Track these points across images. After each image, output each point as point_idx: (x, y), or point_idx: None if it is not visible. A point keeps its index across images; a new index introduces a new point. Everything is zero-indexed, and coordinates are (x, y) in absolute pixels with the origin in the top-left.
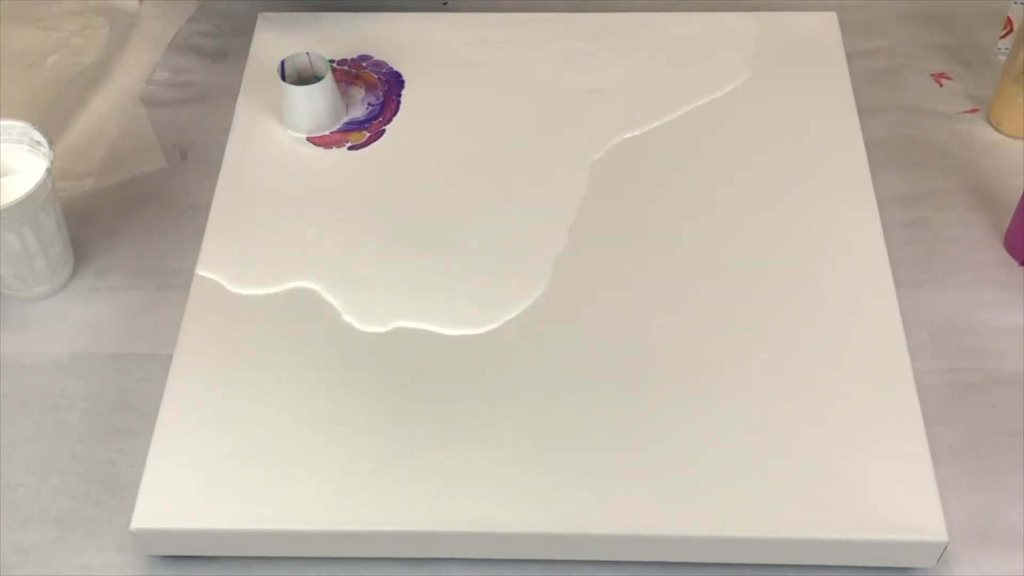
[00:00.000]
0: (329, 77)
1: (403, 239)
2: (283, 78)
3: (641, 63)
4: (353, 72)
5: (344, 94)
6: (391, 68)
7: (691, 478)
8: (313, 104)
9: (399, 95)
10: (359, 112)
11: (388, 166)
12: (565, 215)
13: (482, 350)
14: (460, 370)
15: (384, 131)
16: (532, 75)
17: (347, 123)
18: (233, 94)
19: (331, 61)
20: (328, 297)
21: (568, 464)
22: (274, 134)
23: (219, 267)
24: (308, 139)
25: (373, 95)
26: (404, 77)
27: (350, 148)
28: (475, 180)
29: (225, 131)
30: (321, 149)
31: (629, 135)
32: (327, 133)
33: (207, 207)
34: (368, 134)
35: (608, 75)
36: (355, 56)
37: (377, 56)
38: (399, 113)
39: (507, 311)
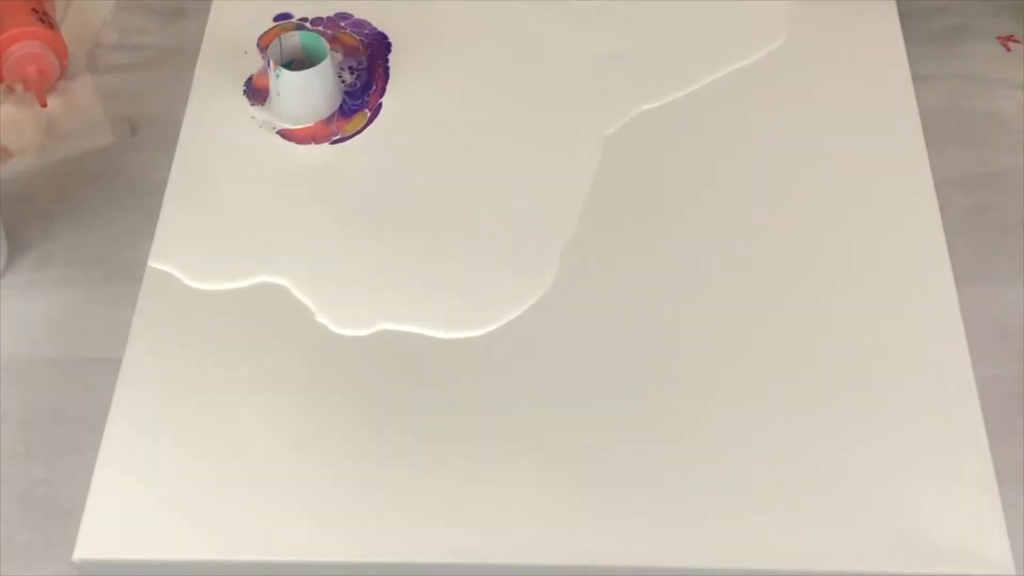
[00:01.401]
0: (328, 62)
1: (387, 227)
2: (268, 62)
3: (664, 24)
4: (329, 33)
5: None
6: (374, 28)
7: (719, 504)
8: (308, 93)
9: (386, 61)
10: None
11: (372, 146)
12: (574, 199)
13: (479, 356)
14: (453, 379)
15: (381, 105)
16: (538, 37)
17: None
18: (192, 60)
19: (303, 20)
20: (300, 294)
21: (575, 487)
22: (239, 107)
23: (175, 258)
24: (288, 132)
25: (354, 59)
26: (390, 39)
27: (336, 140)
28: (470, 159)
29: (183, 102)
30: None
31: (648, 106)
32: (316, 122)
33: (161, 189)
34: (365, 117)
35: (625, 37)
36: (331, 14)
37: (358, 14)
38: (389, 86)
39: (507, 311)
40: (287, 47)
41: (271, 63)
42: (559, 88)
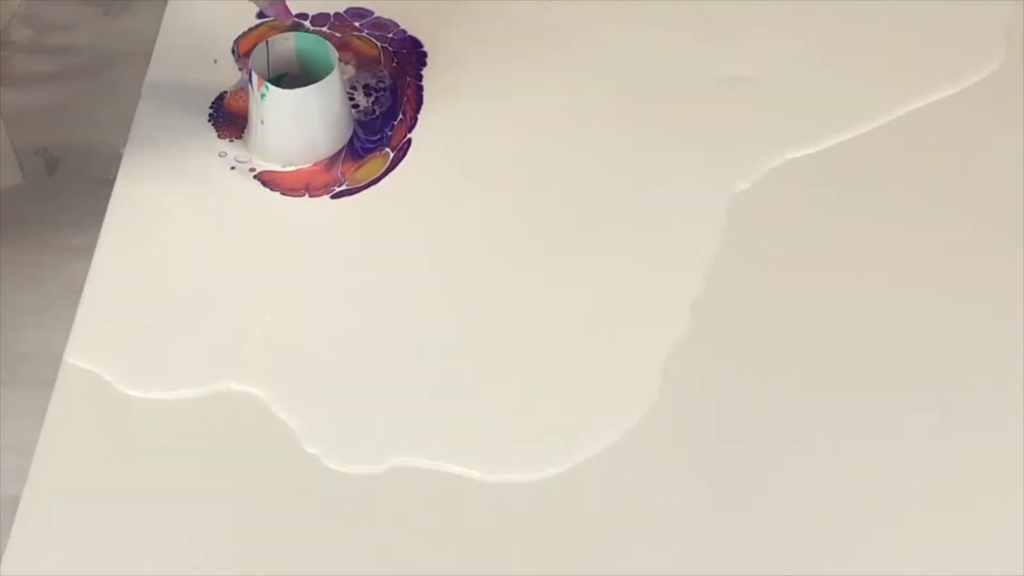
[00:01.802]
0: (336, 77)
1: (407, 322)
2: (250, 78)
3: (813, 39)
4: (338, 37)
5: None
6: (403, 31)
7: None
8: (304, 122)
9: (419, 78)
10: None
11: (392, 203)
12: (685, 284)
13: (535, 508)
14: (497, 541)
15: (410, 142)
16: (634, 51)
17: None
18: (137, 69)
19: (301, 17)
20: (280, 411)
21: None
22: (204, 139)
23: (102, 353)
24: (273, 177)
25: (372, 75)
26: (425, 47)
27: (340, 193)
28: (530, 227)
29: (122, 129)
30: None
31: (793, 154)
32: (315, 164)
33: (87, 253)
34: (386, 160)
35: (758, 55)
36: (342, 10)
37: (379, 11)
38: (423, 111)
39: (580, 446)
40: (277, 55)
41: (254, 77)
42: (664, 123)
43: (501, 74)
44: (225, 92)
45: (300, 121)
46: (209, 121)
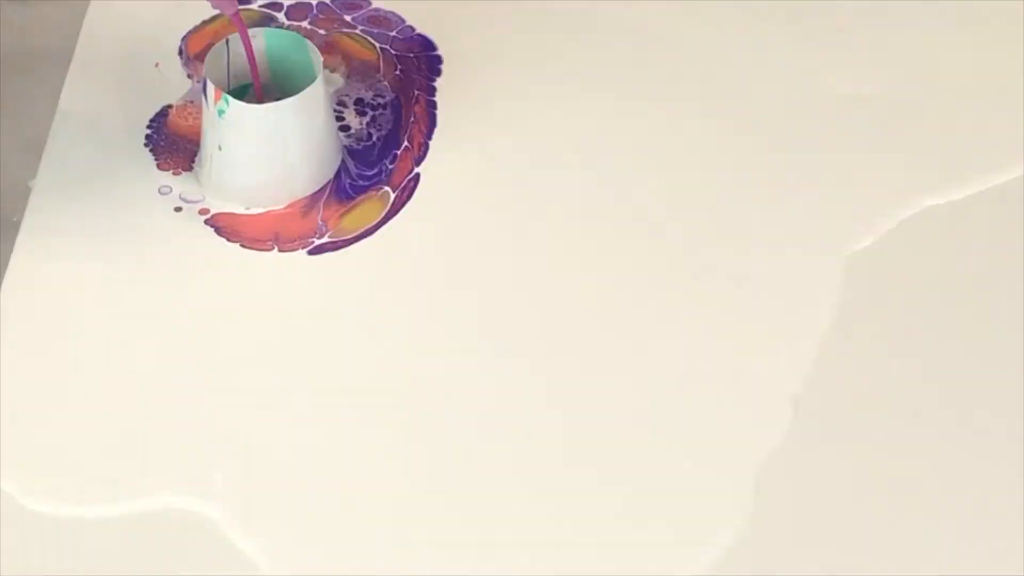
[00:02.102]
0: (319, 87)
1: (407, 426)
2: (205, 88)
3: (959, 46)
4: (322, 35)
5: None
6: (410, 29)
7: None
8: (274, 147)
9: (431, 92)
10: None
11: (390, 255)
12: (785, 373)
13: None
14: None
15: (419, 177)
16: (720, 58)
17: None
18: (52, 74)
19: (273, 7)
20: (235, 533)
21: None
22: (140, 169)
23: (5, 461)
24: (230, 223)
25: (367, 87)
26: (439, 50)
27: (320, 247)
28: (580, 291)
29: (31, 152)
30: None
31: (933, 201)
32: (288, 206)
33: None
34: (384, 203)
35: (887, 66)
36: None
37: (378, 2)
38: (435, 136)
39: None
40: (240, 59)
41: (209, 88)
42: (756, 155)
43: (541, 87)
44: (169, 107)
45: (270, 147)
46: (147, 145)
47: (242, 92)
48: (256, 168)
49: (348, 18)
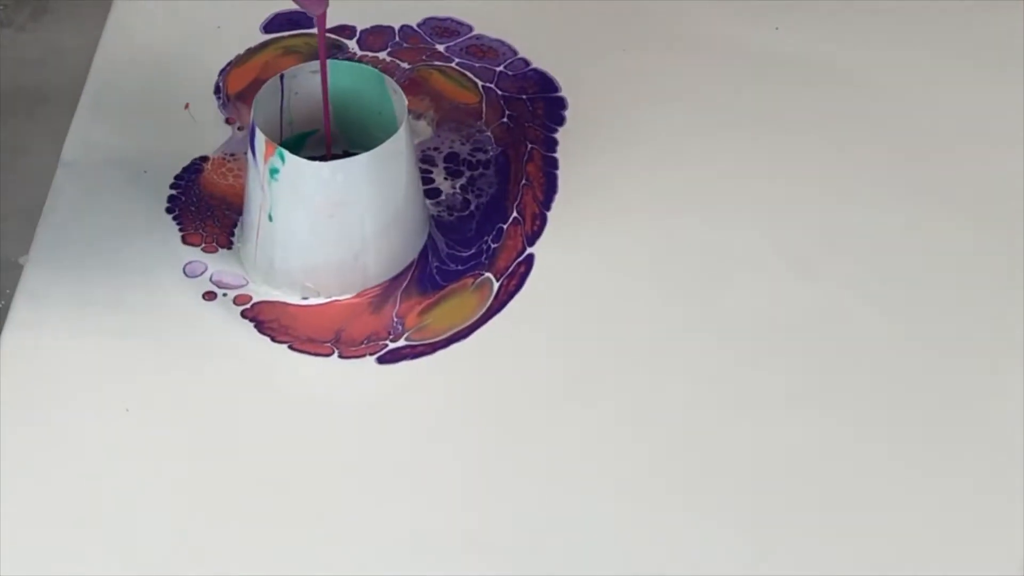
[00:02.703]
0: (404, 134)
1: None
2: (252, 139)
3: None
4: (407, 70)
5: None
6: (524, 62)
7: None
8: (342, 222)
9: (551, 146)
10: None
11: (491, 368)
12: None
13: None
14: None
15: (532, 260)
16: (920, 99)
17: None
18: (55, 112)
19: (343, 33)
20: None
21: None
22: (163, 243)
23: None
24: (276, 316)
25: (464, 137)
26: (562, 91)
27: (394, 352)
28: (737, 423)
29: (26, 217)
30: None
31: None
32: (358, 295)
33: None
34: (484, 295)
35: None
36: (416, 22)
37: (481, 27)
38: (556, 205)
39: None
40: (300, 101)
41: (258, 139)
42: (968, 225)
43: (698, 138)
44: (204, 160)
45: (338, 217)
46: (170, 211)
47: (298, 144)
48: (319, 245)
49: (441, 48)
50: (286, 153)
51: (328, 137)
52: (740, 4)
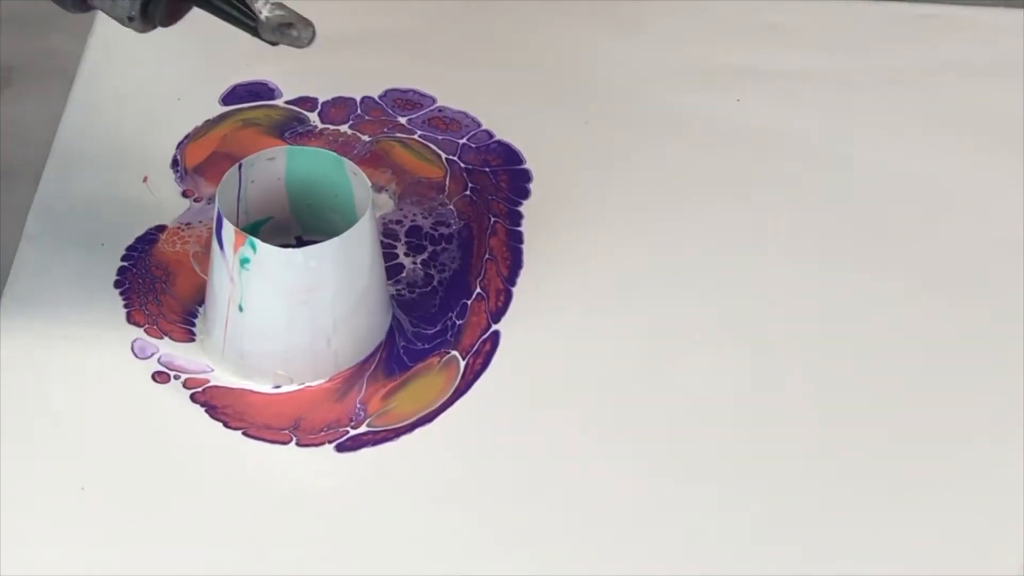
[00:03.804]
0: (367, 222)
1: None
2: (219, 230)
3: None
4: (367, 144)
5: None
6: (488, 134)
7: None
8: (308, 306)
9: (513, 217)
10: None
11: (458, 454)
12: None
13: None
14: None
15: (498, 337)
16: (865, 171)
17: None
18: (18, 186)
19: (304, 105)
20: None
21: None
22: (115, 325)
23: None
24: (236, 402)
25: (426, 212)
26: (527, 163)
27: (355, 440)
28: (726, 516)
29: None
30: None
31: None
32: (329, 380)
33: None
34: (451, 375)
35: None
36: (377, 93)
37: (444, 99)
38: (520, 280)
39: None
40: (255, 188)
41: (226, 230)
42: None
43: (664, 210)
44: (161, 230)
45: (311, 304)
46: (119, 286)
47: (253, 232)
48: (292, 333)
49: (403, 120)
50: (257, 242)
51: None
52: (702, 76)
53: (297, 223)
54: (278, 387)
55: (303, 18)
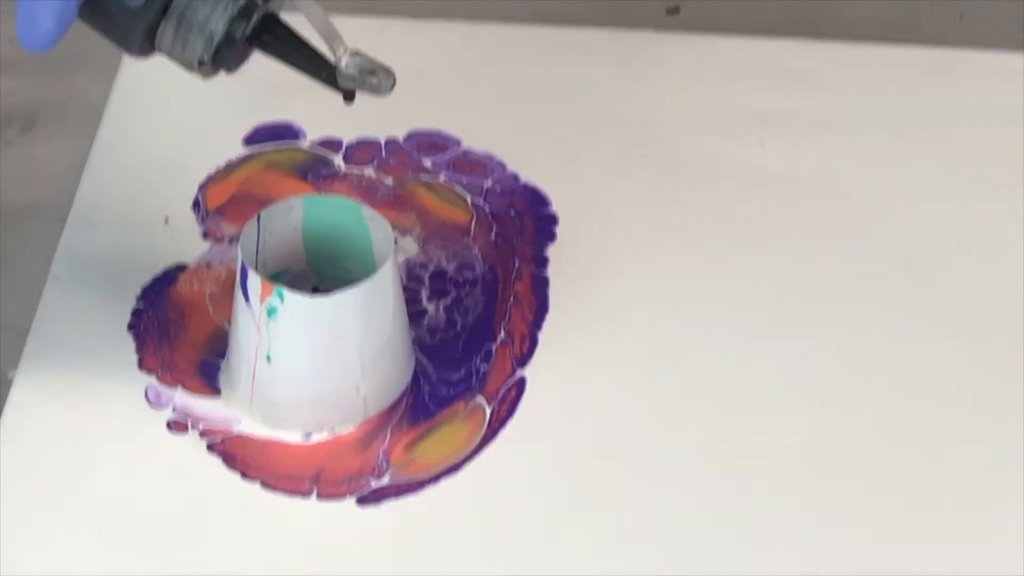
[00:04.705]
0: (390, 269)
1: None
2: (245, 281)
3: None
4: (390, 185)
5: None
6: (514, 178)
7: None
8: (332, 355)
9: (539, 261)
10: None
11: (486, 507)
12: None
13: None
14: None
15: (523, 384)
16: (931, 228)
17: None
18: (44, 230)
19: (329, 147)
20: None
21: None
22: (128, 370)
23: None
24: (255, 454)
25: (450, 256)
26: (553, 206)
27: (377, 492)
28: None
29: (15, 328)
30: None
31: None
32: (355, 429)
33: None
34: (477, 423)
35: None
36: (401, 136)
37: (470, 141)
38: (546, 325)
39: None
40: (273, 239)
41: (251, 280)
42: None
43: (690, 256)
44: (181, 270)
45: (340, 352)
46: (132, 327)
47: (277, 279)
48: (322, 380)
49: (427, 163)
50: (285, 291)
51: None
52: (726, 119)
53: (313, 273)
54: (308, 434)
55: (384, 65)
